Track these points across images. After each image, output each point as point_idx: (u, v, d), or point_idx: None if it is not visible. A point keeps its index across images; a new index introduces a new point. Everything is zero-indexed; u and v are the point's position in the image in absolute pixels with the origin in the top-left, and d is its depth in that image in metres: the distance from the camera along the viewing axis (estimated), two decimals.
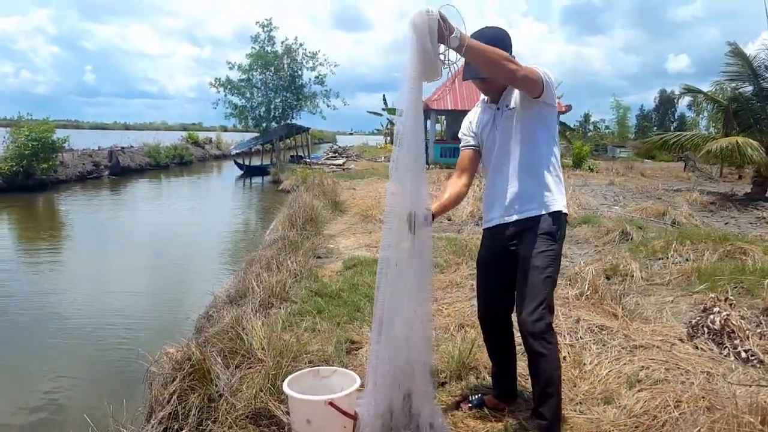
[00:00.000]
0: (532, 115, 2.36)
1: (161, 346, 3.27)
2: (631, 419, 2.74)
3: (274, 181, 19.61)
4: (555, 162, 2.43)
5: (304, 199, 9.26)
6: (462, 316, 4.02)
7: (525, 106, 2.36)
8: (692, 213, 8.51)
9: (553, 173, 2.41)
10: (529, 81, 2.20)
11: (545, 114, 2.38)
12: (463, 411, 2.79)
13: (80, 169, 20.71)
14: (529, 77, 2.19)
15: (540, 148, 2.39)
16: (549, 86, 2.28)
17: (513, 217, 2.43)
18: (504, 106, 2.43)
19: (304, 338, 3.36)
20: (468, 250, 5.72)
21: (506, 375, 2.81)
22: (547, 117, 2.39)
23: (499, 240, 2.53)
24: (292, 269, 5.15)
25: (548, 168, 2.40)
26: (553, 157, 2.42)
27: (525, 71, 2.17)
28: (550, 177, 2.40)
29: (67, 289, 6.88)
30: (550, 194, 2.40)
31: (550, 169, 2.40)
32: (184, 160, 29.75)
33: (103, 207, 14.93)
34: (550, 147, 2.41)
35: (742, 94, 11.69)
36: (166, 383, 2.88)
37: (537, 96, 2.27)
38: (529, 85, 2.23)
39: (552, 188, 2.40)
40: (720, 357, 3.33)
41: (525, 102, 2.35)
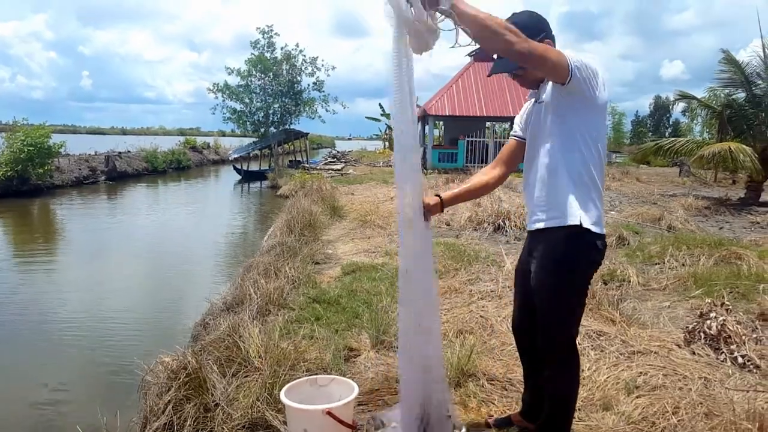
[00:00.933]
0: (565, 109, 2.05)
1: (156, 354, 3.25)
2: (629, 426, 2.73)
3: (273, 186, 19.58)
4: (586, 167, 2.05)
5: (302, 204, 9.26)
6: (461, 322, 4.01)
7: (556, 98, 2.06)
8: (687, 218, 8.54)
9: (580, 180, 2.04)
10: (541, 59, 1.87)
11: (578, 107, 2.02)
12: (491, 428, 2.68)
13: (76, 175, 20.63)
14: (538, 54, 1.85)
15: (568, 146, 2.06)
16: (582, 72, 1.93)
17: (533, 225, 2.19)
18: (539, 98, 2.19)
19: (301, 346, 3.35)
20: (466, 255, 5.73)
21: (533, 393, 2.56)
22: (580, 111, 2.03)
23: (526, 249, 2.34)
24: (290, 275, 5.15)
25: (574, 173, 2.05)
26: (583, 160, 2.05)
27: (533, 46, 1.83)
28: (571, 184, 2.05)
29: (61, 296, 6.84)
30: (567, 205, 2.05)
31: (576, 174, 2.05)
32: (181, 165, 29.69)
33: (100, 212, 14.88)
34: (580, 148, 2.04)
35: (735, 100, 11.76)
36: (161, 393, 2.87)
37: (563, 82, 1.94)
38: (543, 65, 1.90)
39: (572, 198, 2.04)
40: (717, 362, 3.34)
41: (556, 93, 2.05)
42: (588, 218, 2.03)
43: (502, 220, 7.68)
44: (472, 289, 4.76)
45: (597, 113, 2.05)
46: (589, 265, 2.13)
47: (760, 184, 11.09)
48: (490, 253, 5.99)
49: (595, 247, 2.07)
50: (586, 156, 2.05)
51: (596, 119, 2.06)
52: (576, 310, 2.18)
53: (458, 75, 22.21)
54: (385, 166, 22.71)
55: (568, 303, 2.13)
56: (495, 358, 3.54)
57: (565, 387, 2.25)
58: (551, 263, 2.11)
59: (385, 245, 6.89)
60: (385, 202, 10.83)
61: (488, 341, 3.74)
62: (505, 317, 4.13)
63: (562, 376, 2.24)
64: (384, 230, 8.02)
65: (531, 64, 1.93)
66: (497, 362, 3.49)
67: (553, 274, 2.10)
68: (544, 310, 2.17)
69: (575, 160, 2.05)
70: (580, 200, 2.04)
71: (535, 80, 2.19)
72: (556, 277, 2.10)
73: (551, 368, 2.25)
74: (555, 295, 2.13)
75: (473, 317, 4.13)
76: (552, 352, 2.23)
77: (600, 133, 2.08)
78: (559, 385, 2.25)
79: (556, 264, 2.09)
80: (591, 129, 2.05)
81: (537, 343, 2.33)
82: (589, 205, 2.04)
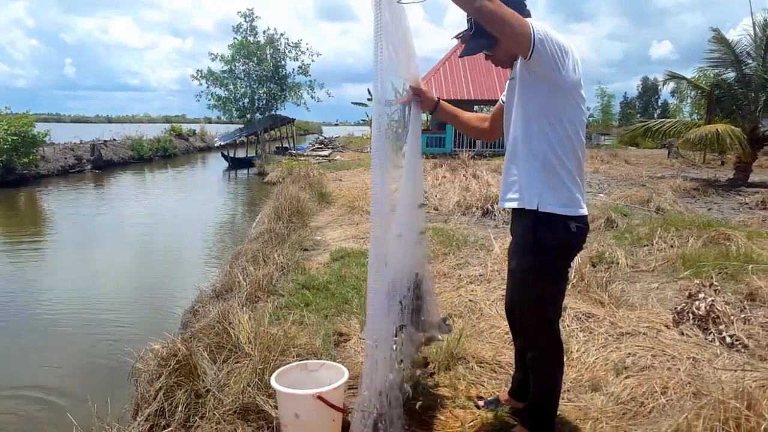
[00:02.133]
0: (528, 88, 1.97)
1: (147, 341, 3.23)
2: (618, 406, 2.76)
3: (260, 173, 19.46)
4: (552, 148, 1.97)
5: (290, 191, 9.20)
6: (450, 306, 4.02)
7: (522, 74, 1.99)
8: (676, 199, 8.59)
9: (544, 161, 1.97)
10: (501, 22, 1.74)
11: (541, 87, 1.93)
12: (482, 409, 2.70)
13: (62, 164, 20.42)
14: (499, 16, 1.72)
15: (531, 127, 1.98)
16: (547, 45, 1.82)
17: (503, 203, 2.17)
18: (512, 74, 2.13)
19: (291, 332, 3.34)
20: (455, 240, 5.73)
21: (523, 373, 2.53)
22: (543, 91, 1.93)
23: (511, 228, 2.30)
24: (278, 262, 5.13)
25: (537, 153, 1.98)
26: (547, 141, 1.97)
27: (496, 6, 1.71)
28: (535, 165, 1.98)
29: (49, 285, 6.78)
30: (528, 187, 2.01)
31: (540, 155, 1.97)
32: (168, 153, 29.44)
33: (87, 201, 14.72)
34: (543, 129, 1.96)
35: (725, 80, 11.78)
36: (151, 380, 2.85)
37: (526, 55, 1.83)
38: (503, 29, 1.77)
39: (533, 180, 1.99)
40: (705, 342, 3.37)
41: (522, 69, 1.97)
42: (554, 200, 1.97)
43: (491, 205, 7.68)
44: (461, 274, 4.77)
45: (563, 94, 1.94)
46: (562, 247, 2.06)
47: (748, 165, 11.17)
48: (479, 238, 6.00)
49: (567, 229, 1.99)
50: (551, 137, 1.96)
51: (562, 100, 1.95)
52: (547, 292, 2.11)
53: (445, 58, 22.14)
54: None
55: (536, 285, 2.08)
56: (484, 341, 3.55)
57: (547, 369, 2.26)
58: (520, 246, 2.13)
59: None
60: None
61: (477, 324, 3.75)
62: (494, 301, 4.14)
63: (543, 358, 2.25)
64: None
65: (491, 25, 1.77)
66: (486, 345, 3.50)
67: (522, 256, 2.11)
68: (516, 292, 2.24)
69: (538, 141, 1.98)
70: (543, 182, 1.98)
71: (508, 59, 2.13)
72: (525, 260, 2.10)
73: (532, 350, 2.29)
74: (524, 277, 2.12)
75: (462, 301, 4.13)
76: (530, 334, 2.27)
77: (569, 115, 1.97)
78: (541, 366, 2.27)
79: (524, 247, 2.10)
80: (557, 110, 1.95)
81: None
82: (556, 186, 1.97)
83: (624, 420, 2.65)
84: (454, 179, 9.67)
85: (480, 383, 3.08)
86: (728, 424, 2.18)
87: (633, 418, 2.66)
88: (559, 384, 2.34)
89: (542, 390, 2.28)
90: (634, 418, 2.66)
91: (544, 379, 2.27)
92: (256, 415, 2.68)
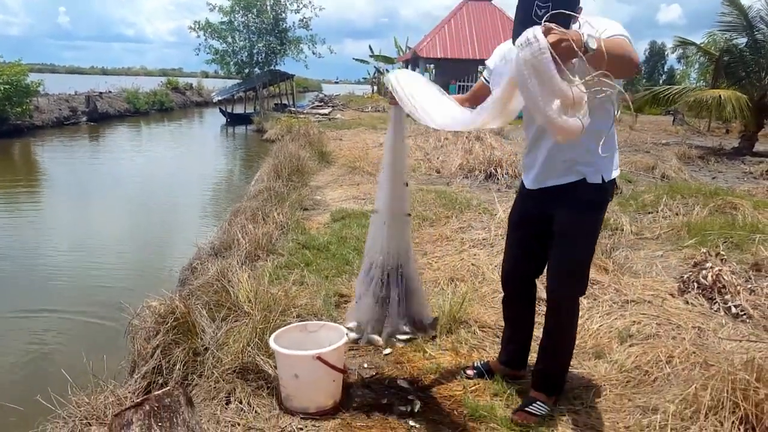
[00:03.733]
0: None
1: (143, 298, 3.18)
2: (622, 374, 2.73)
3: (258, 129, 19.15)
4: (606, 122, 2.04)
5: (289, 149, 9.05)
6: (452, 270, 3.97)
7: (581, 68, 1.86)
8: (681, 167, 8.48)
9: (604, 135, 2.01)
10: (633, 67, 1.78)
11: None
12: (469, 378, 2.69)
13: (57, 115, 20.06)
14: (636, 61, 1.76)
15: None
16: None
17: (556, 182, 2.22)
18: None
19: (291, 292, 3.28)
20: (458, 203, 5.64)
21: (522, 343, 2.66)
22: None
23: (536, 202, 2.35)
24: (278, 221, 5.04)
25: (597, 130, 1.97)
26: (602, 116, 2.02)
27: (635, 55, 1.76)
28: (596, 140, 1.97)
29: (45, 240, 6.70)
30: (598, 161, 2.12)
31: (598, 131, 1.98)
32: (164, 107, 28.96)
33: (83, 154, 14.53)
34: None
35: (735, 45, 11.48)
36: (149, 337, 2.81)
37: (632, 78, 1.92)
38: (629, 70, 1.83)
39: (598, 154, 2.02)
40: (710, 312, 3.34)
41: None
42: (613, 167, 2.18)
43: (494, 168, 7.56)
44: (464, 237, 4.70)
45: None
46: (606, 205, 2.28)
47: (754, 134, 11.01)
48: (482, 201, 5.91)
49: (614, 188, 2.28)
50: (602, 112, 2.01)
51: None
52: (591, 255, 2.30)
53: (450, 15, 21.56)
54: (374, 111, 22.24)
55: (589, 247, 2.24)
56: (486, 306, 3.52)
57: (571, 334, 2.35)
58: (574, 215, 2.18)
59: (374, 192, 6.74)
60: (374, 148, 10.64)
61: (479, 289, 3.71)
62: (497, 265, 4.07)
63: (570, 324, 2.33)
64: (373, 177, 7.87)
65: (627, 71, 1.82)
66: (489, 309, 3.46)
67: (578, 223, 2.18)
68: (571, 253, 2.21)
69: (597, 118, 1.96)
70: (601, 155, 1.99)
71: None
72: (581, 226, 2.19)
73: (560, 317, 2.30)
74: (579, 241, 2.20)
75: (465, 265, 4.08)
76: (567, 302, 2.29)
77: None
78: (566, 333, 2.33)
79: (579, 214, 2.17)
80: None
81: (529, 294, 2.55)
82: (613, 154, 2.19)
83: (628, 388, 2.63)
84: (456, 141, 9.50)
85: (482, 347, 3.05)
86: (736, 395, 2.15)
87: (637, 386, 2.64)
88: (572, 352, 2.44)
89: (563, 354, 2.36)
90: (637, 387, 2.64)
91: (565, 344, 2.35)
92: (256, 375, 2.64)
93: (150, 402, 1.98)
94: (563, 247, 2.21)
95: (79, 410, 2.29)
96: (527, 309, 2.60)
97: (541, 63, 1.48)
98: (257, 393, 2.57)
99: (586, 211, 2.18)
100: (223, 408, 2.48)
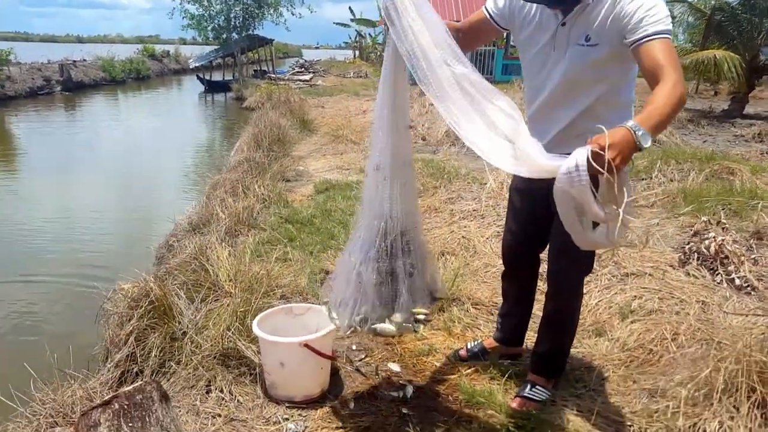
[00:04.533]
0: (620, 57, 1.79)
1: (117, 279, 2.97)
2: (625, 353, 2.60)
3: (237, 97, 18.63)
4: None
5: (269, 117, 8.74)
6: (442, 243, 3.80)
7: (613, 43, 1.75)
8: (672, 131, 8.31)
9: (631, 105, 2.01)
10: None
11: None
12: (464, 360, 2.55)
13: (30, 85, 19.34)
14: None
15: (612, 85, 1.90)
16: None
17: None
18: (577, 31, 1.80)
19: (274, 271, 3.09)
20: (446, 172, 5.44)
21: (521, 319, 2.50)
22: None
23: None
24: (259, 194, 4.81)
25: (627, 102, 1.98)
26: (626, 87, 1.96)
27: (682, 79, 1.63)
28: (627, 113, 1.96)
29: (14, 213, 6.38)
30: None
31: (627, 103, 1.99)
32: (141, 75, 28.16)
33: (58, 125, 13.99)
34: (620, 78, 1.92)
35: (728, 3, 11.19)
36: (122, 323, 2.61)
37: None
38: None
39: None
40: (713, 284, 3.20)
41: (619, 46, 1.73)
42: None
43: None
44: (453, 209, 4.52)
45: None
46: None
47: (745, 96, 10.82)
48: (471, 170, 5.70)
49: None
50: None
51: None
52: None
53: None
54: (356, 77, 21.76)
55: None
56: (479, 281, 3.37)
57: (576, 315, 2.23)
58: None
59: (358, 162, 6.55)
60: (357, 116, 10.36)
61: (471, 263, 3.55)
62: (489, 238, 3.92)
63: (576, 304, 2.21)
64: (357, 146, 7.65)
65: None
66: (482, 285, 3.31)
67: None
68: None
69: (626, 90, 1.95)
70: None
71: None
72: None
73: (568, 298, 2.16)
74: None
75: (455, 238, 3.91)
76: (574, 282, 2.13)
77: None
78: (572, 313, 2.21)
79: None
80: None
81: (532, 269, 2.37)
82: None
83: (632, 368, 2.50)
84: None
85: (476, 326, 2.91)
86: (752, 378, 2.02)
87: (641, 366, 2.51)
88: (575, 331, 2.32)
89: (565, 337, 2.24)
90: (642, 367, 2.51)
91: (567, 326, 2.21)
92: (237, 361, 2.47)
93: (119, 400, 1.80)
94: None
95: (44, 408, 2.09)
96: (529, 285, 2.42)
97: (579, 193, 1.39)
98: (239, 380, 2.41)
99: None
100: (203, 397, 2.32)
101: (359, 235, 2.04)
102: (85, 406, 2.08)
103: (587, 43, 1.78)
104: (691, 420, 2.05)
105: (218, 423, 2.15)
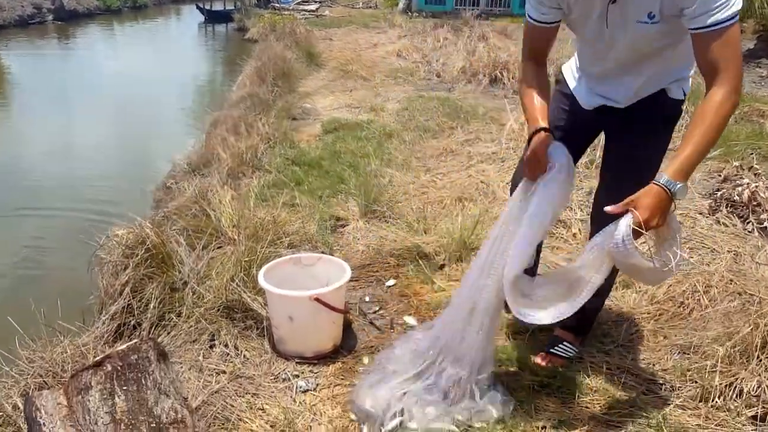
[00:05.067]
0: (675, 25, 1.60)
1: (112, 223, 2.78)
2: (653, 306, 2.46)
3: (239, 29, 17.91)
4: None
5: (274, 49, 8.32)
6: (460, 188, 3.59)
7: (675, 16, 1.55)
8: (695, 72, 7.91)
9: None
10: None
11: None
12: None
13: (19, 13, 18.58)
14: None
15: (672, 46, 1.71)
16: None
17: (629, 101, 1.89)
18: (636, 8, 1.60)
19: (281, 217, 2.90)
20: (463, 111, 5.15)
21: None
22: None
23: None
24: (263, 133, 4.55)
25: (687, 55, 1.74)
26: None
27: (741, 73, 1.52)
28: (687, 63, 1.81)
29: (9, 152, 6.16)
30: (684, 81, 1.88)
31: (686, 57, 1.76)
32: (138, 4, 27.01)
33: (52, 57, 13.53)
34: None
35: None
36: (116, 272, 2.42)
37: None
38: None
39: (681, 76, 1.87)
40: (744, 233, 3.03)
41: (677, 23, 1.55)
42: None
43: (500, 71, 6.94)
44: (471, 151, 4.28)
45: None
46: None
47: None
48: (488, 109, 5.41)
49: None
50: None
51: None
52: None
53: None
54: (365, 7, 20.79)
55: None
56: None
57: (611, 280, 2.01)
58: (651, 133, 1.87)
59: (369, 99, 6.24)
60: (367, 50, 9.87)
61: (491, 210, 3.35)
62: (509, 183, 3.70)
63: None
64: (368, 82, 7.29)
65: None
66: None
67: (655, 141, 1.89)
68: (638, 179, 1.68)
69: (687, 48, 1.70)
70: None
71: None
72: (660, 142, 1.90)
73: None
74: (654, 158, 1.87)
75: (473, 182, 3.70)
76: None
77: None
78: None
79: (656, 132, 1.88)
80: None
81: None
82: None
83: (662, 322, 2.36)
84: (457, 41, 8.78)
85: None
86: None
87: (671, 320, 2.38)
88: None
89: (604, 296, 2.14)
90: (672, 321, 2.37)
91: (608, 286, 2.09)
92: (243, 314, 2.33)
93: (112, 361, 1.63)
94: (628, 173, 1.79)
95: (31, 366, 1.95)
96: None
97: (633, 259, 1.50)
98: (245, 334, 2.27)
99: (662, 128, 1.88)
100: (206, 352, 2.18)
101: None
102: (77, 364, 1.94)
103: (651, 21, 1.58)
104: (727, 379, 1.92)
105: (223, 380, 2.02)
